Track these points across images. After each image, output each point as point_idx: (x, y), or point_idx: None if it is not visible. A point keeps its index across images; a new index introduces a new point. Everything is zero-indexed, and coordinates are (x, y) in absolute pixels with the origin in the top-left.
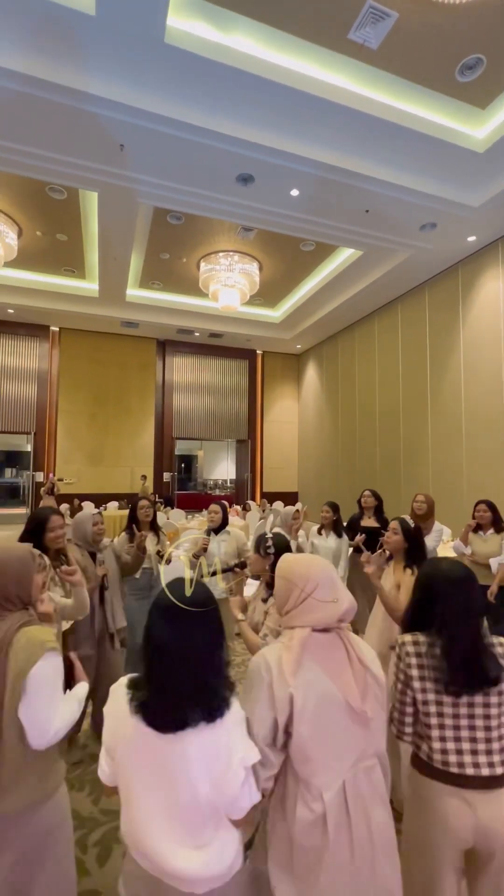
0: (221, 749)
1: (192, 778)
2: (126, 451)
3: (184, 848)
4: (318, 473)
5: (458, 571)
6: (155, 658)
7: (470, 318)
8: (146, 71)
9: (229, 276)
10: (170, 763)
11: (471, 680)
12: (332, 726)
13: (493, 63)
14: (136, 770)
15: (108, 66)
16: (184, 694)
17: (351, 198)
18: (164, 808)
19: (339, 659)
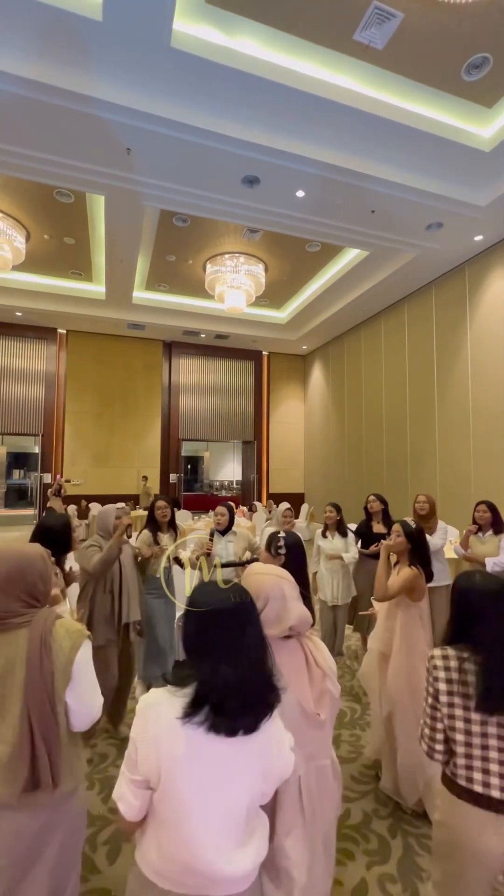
0: (274, 739)
1: (251, 774)
2: (132, 452)
3: (236, 850)
4: (324, 474)
5: (493, 585)
6: (217, 662)
7: (477, 317)
8: (152, 75)
9: (235, 278)
10: (228, 766)
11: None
12: (286, 725)
13: (499, 62)
14: (191, 783)
15: (115, 70)
16: (255, 693)
17: (356, 198)
18: (218, 816)
19: (297, 663)
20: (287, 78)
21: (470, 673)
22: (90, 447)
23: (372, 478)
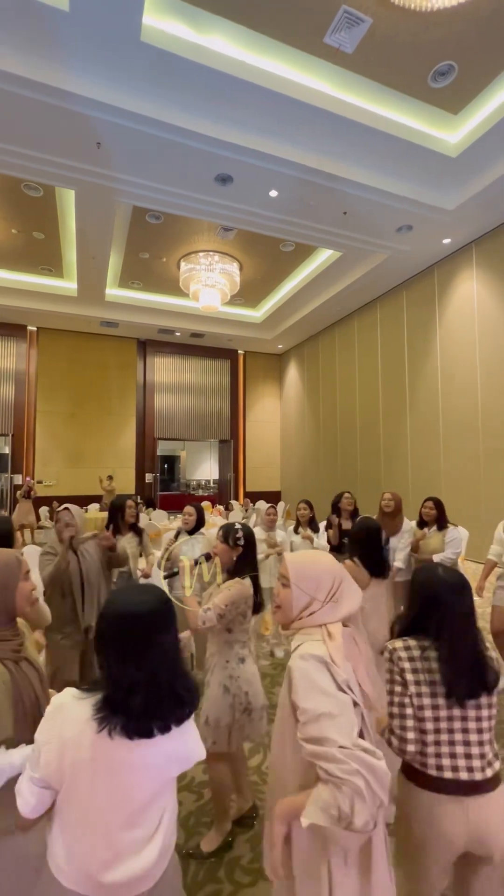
0: (188, 734)
1: (162, 771)
2: (107, 452)
3: (143, 848)
4: (300, 472)
5: (457, 578)
6: (129, 666)
7: (446, 318)
8: (122, 69)
9: (209, 276)
10: (137, 768)
11: (472, 687)
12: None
13: (464, 70)
14: (95, 787)
15: (83, 62)
16: (165, 695)
17: (329, 199)
18: (124, 819)
19: (354, 652)
20: (259, 78)
21: (433, 660)
22: (63, 447)
23: (347, 475)
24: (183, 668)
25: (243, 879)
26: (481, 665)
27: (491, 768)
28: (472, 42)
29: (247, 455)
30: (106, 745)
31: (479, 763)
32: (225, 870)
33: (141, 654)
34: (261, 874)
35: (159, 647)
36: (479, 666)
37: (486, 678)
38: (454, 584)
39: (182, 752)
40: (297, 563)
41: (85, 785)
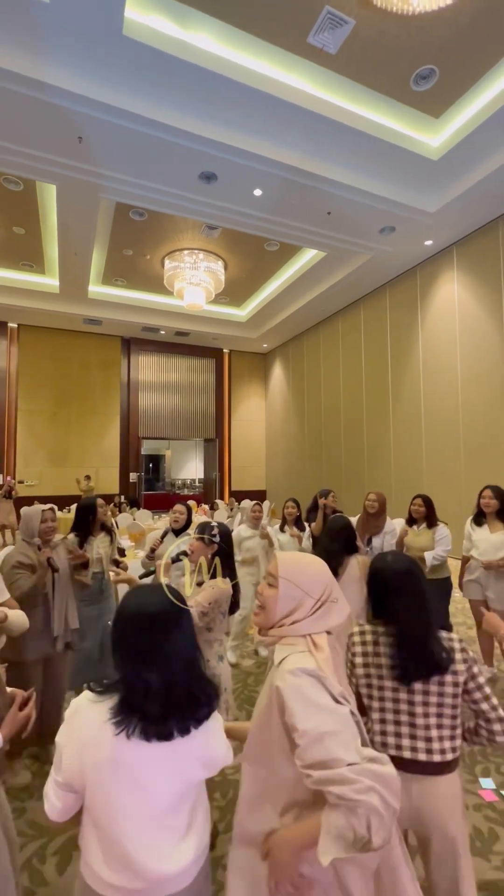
0: (213, 733)
1: (186, 771)
2: (90, 451)
3: (175, 846)
4: (285, 472)
5: (402, 564)
6: (129, 666)
7: (428, 319)
8: (104, 62)
9: (194, 274)
10: (158, 767)
11: (420, 668)
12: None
13: (445, 74)
14: (117, 787)
15: (64, 55)
16: (183, 696)
17: (313, 199)
18: (152, 817)
19: (338, 661)
20: (243, 76)
21: (384, 645)
22: (45, 447)
23: (331, 474)
24: (199, 669)
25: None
26: (432, 647)
27: (441, 755)
28: (453, 47)
29: (232, 454)
30: (125, 746)
31: (424, 745)
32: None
33: (154, 656)
34: None
35: (173, 647)
36: (429, 648)
37: (436, 660)
38: (399, 570)
39: (205, 754)
40: (289, 563)
41: (109, 785)
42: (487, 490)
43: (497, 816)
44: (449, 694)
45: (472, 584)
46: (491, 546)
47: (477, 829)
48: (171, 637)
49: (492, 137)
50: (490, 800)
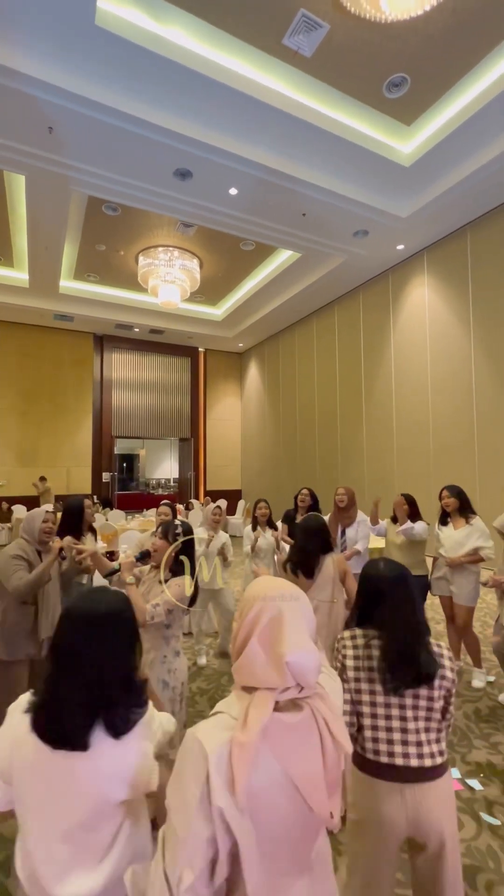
0: (129, 766)
1: (100, 793)
2: (62, 450)
3: (82, 870)
4: (260, 471)
5: (394, 571)
6: (55, 667)
7: (399, 321)
8: (76, 52)
9: (169, 272)
10: (73, 781)
11: (407, 676)
12: (276, 842)
13: (416, 83)
14: (34, 793)
15: (36, 43)
16: (83, 707)
17: (288, 200)
18: (63, 831)
19: (310, 747)
20: (219, 74)
21: (375, 648)
22: (14, 446)
23: (306, 473)
24: (130, 678)
25: None
26: (420, 656)
27: (431, 759)
28: (424, 56)
29: (207, 453)
30: (45, 752)
31: (415, 750)
32: None
33: (63, 660)
34: None
35: (99, 652)
36: (418, 657)
37: (425, 670)
38: (392, 577)
39: (122, 772)
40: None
41: (28, 787)
42: (445, 491)
43: (463, 805)
44: (437, 698)
45: (440, 582)
46: (455, 543)
47: None
48: (91, 645)
49: (461, 147)
50: (456, 788)
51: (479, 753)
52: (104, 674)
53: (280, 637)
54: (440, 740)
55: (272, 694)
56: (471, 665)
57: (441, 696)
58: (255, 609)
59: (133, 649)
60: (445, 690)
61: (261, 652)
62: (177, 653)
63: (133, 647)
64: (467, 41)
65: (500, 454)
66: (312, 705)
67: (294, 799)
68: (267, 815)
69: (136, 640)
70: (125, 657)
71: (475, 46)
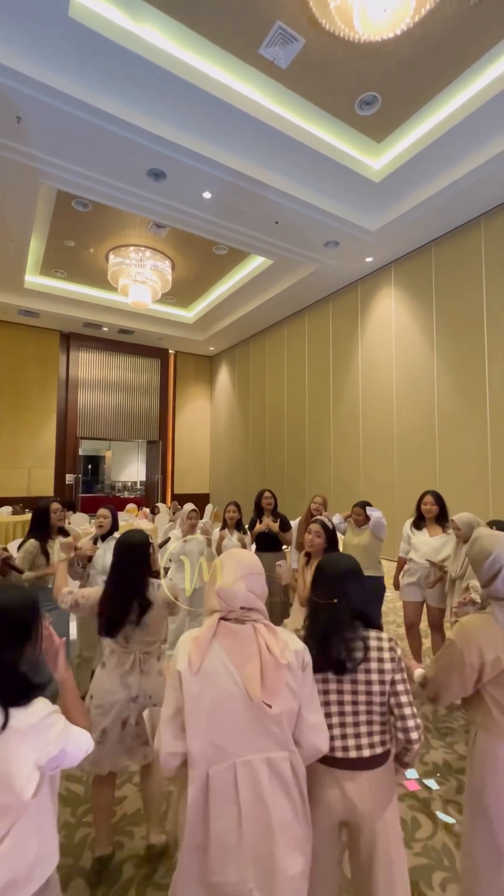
0: (8, 758)
1: None
2: (23, 450)
3: None
4: (229, 475)
5: (340, 563)
6: None
7: (367, 331)
8: (48, 43)
9: (140, 272)
10: None
11: (319, 663)
12: (224, 712)
13: (386, 102)
14: None
15: (5, 30)
16: None
17: (261, 207)
18: None
19: (247, 650)
20: (195, 77)
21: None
22: None
23: (274, 478)
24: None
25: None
26: (335, 645)
27: (370, 749)
28: (394, 77)
29: (175, 457)
30: None
31: (354, 742)
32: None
33: None
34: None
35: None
36: (332, 646)
37: (336, 658)
38: (330, 572)
39: (4, 765)
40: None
41: None
42: (428, 496)
43: (419, 805)
44: (377, 692)
45: (411, 587)
46: (431, 549)
47: (401, 818)
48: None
49: (428, 167)
50: (413, 789)
51: (437, 753)
52: None
53: (216, 578)
54: (384, 731)
55: (219, 614)
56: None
57: (381, 690)
58: (215, 565)
59: (16, 646)
60: (389, 684)
61: (211, 589)
62: (102, 664)
63: (17, 644)
64: (435, 66)
65: (460, 463)
66: (255, 626)
67: (237, 682)
68: (215, 690)
69: (27, 638)
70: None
71: (442, 71)
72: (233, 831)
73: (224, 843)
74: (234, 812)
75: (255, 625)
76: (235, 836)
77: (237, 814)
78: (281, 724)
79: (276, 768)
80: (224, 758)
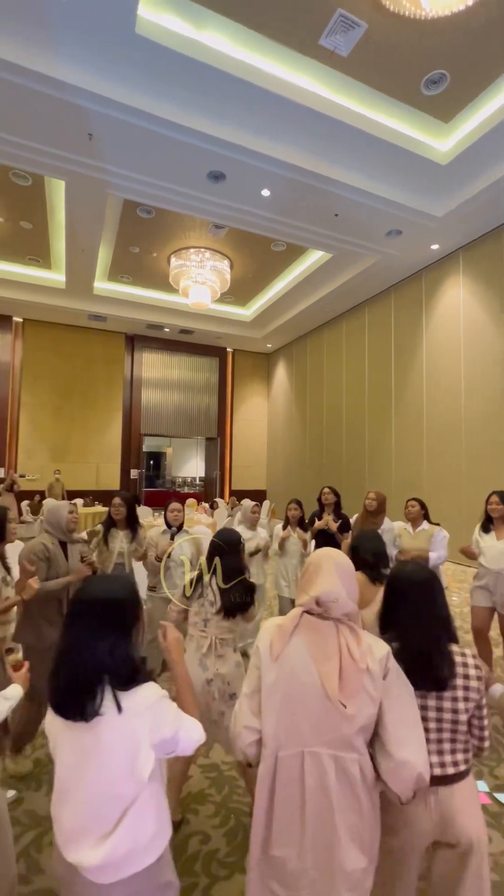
0: (130, 737)
1: (105, 765)
2: (92, 447)
3: (94, 839)
4: (286, 472)
5: (419, 574)
6: (61, 653)
7: (432, 323)
8: (117, 61)
9: (200, 273)
10: (84, 752)
11: (421, 680)
12: (297, 703)
13: (455, 79)
14: (57, 755)
15: (77, 52)
16: (76, 685)
17: (320, 201)
18: (78, 800)
19: (327, 649)
20: (254, 76)
21: (394, 652)
22: (47, 441)
23: (332, 475)
24: (93, 666)
25: (219, 873)
26: (434, 660)
27: (454, 767)
28: (464, 52)
29: (233, 453)
30: (65, 725)
31: (437, 759)
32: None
33: (65, 639)
34: (237, 867)
35: (81, 634)
36: (431, 661)
37: (438, 673)
38: (414, 580)
39: (119, 748)
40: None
41: (58, 753)
42: (494, 496)
43: (490, 819)
44: (461, 709)
45: (480, 591)
46: (499, 553)
47: None
48: (77, 631)
49: (501, 143)
50: (484, 802)
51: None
52: (80, 659)
53: (315, 579)
54: (467, 750)
55: (303, 608)
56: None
57: (465, 707)
58: (310, 564)
59: (127, 634)
60: (474, 703)
61: (303, 587)
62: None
63: (127, 632)
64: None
65: None
66: (339, 625)
67: (314, 677)
68: (291, 680)
69: (134, 624)
70: (111, 642)
71: None
72: (295, 814)
73: (286, 823)
74: (297, 797)
75: (338, 624)
76: (297, 819)
77: (300, 799)
78: (354, 727)
79: (342, 766)
80: (293, 745)
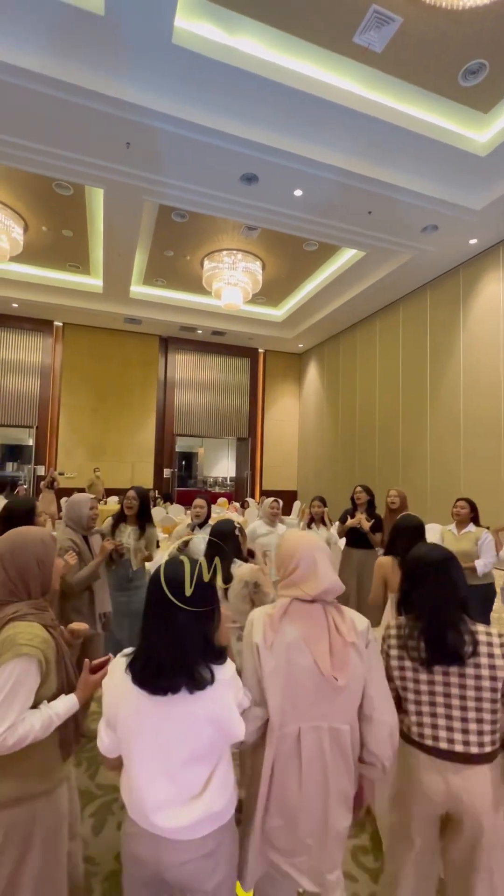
0: (221, 703)
1: (200, 733)
2: (127, 446)
3: (179, 805)
4: (317, 472)
5: (434, 554)
6: (144, 632)
7: (470, 320)
8: (154, 71)
9: (232, 275)
10: (167, 723)
11: (437, 654)
12: (297, 684)
13: (495, 68)
14: (137, 735)
15: (117, 65)
16: (172, 663)
17: (354, 199)
18: (165, 769)
19: (317, 629)
20: (287, 77)
21: (416, 630)
22: (85, 440)
23: (364, 476)
24: (192, 643)
25: None
26: (450, 634)
27: (478, 747)
28: (503, 39)
29: (264, 453)
30: (146, 700)
31: (461, 736)
32: None
33: (150, 620)
34: None
35: (169, 615)
36: (448, 635)
37: (456, 648)
38: (429, 560)
39: (215, 715)
40: (286, 537)
41: (133, 729)
42: None
43: None
44: (487, 687)
45: None
46: None
47: None
48: (174, 613)
49: None
50: None
51: None
52: (177, 638)
53: (315, 574)
54: (494, 731)
55: (294, 598)
56: None
57: (491, 686)
58: (296, 557)
59: (210, 620)
60: (502, 681)
61: (296, 582)
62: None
63: (207, 617)
64: None
65: None
66: (325, 606)
67: (310, 659)
68: (290, 665)
69: (215, 608)
70: (193, 626)
71: None
72: (294, 786)
73: (285, 796)
74: (295, 769)
75: (324, 605)
76: (296, 791)
77: (298, 772)
78: (348, 696)
79: (336, 737)
80: (292, 722)
